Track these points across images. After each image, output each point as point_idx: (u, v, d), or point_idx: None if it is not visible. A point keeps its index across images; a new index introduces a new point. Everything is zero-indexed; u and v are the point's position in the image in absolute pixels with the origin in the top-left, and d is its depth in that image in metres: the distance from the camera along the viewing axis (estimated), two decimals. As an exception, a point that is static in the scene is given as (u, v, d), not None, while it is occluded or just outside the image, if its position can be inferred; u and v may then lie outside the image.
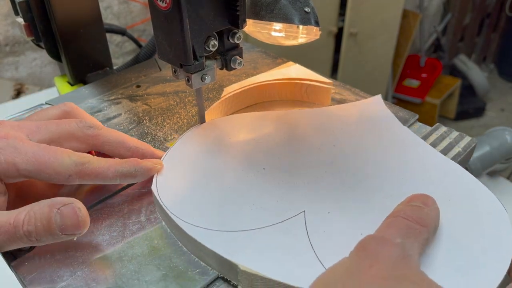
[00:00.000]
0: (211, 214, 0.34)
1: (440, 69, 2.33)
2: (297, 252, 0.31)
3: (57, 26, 0.55)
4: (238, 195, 0.36)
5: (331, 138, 0.43)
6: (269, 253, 0.31)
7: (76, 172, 0.33)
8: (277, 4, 0.42)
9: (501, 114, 2.50)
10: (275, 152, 0.41)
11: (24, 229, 0.30)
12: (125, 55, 1.55)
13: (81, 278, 0.31)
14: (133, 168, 0.36)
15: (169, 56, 0.38)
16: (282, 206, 0.35)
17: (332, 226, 0.33)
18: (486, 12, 2.63)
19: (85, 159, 0.34)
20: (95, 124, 0.37)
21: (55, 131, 0.35)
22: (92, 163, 0.34)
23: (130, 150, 0.38)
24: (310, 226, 0.33)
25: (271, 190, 0.37)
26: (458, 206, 0.34)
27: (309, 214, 0.34)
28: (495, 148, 0.85)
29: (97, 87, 0.54)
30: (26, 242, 0.30)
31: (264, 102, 0.51)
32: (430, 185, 0.37)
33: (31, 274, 0.32)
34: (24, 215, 0.30)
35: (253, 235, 0.33)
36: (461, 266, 0.29)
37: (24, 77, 1.37)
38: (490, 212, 0.33)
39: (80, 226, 0.31)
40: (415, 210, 0.30)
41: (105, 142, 0.37)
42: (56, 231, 0.30)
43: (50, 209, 0.30)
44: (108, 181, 0.35)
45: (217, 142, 0.42)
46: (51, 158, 0.32)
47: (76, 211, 0.30)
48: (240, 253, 0.31)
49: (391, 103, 0.50)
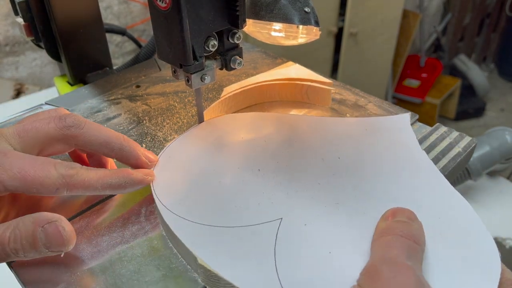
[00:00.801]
0: (192, 206, 0.35)
1: (440, 69, 2.33)
2: (257, 258, 0.31)
3: (57, 26, 0.55)
4: (225, 193, 0.36)
5: (339, 150, 0.41)
6: (230, 252, 0.31)
7: (63, 185, 0.32)
8: (277, 4, 0.42)
9: (501, 114, 2.50)
10: (275, 155, 0.40)
11: (11, 246, 0.29)
12: (125, 55, 1.55)
13: (80, 278, 0.31)
14: (123, 180, 0.35)
15: (168, 56, 0.38)
16: (262, 210, 0.34)
17: (303, 238, 0.32)
18: (486, 12, 2.63)
19: (73, 171, 0.32)
20: (76, 123, 0.35)
21: (36, 137, 0.34)
22: (80, 175, 0.33)
23: (113, 151, 0.36)
24: (281, 234, 0.32)
25: (258, 192, 0.36)
26: (452, 245, 0.32)
27: (286, 222, 0.33)
28: (495, 148, 0.85)
29: (97, 87, 0.54)
30: (15, 258, 0.30)
31: (264, 102, 0.51)
32: (430, 217, 0.33)
33: (31, 274, 0.32)
34: (9, 233, 0.30)
35: (222, 232, 0.33)
36: None
37: (24, 77, 1.37)
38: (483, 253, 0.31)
39: (64, 244, 0.30)
40: (406, 226, 0.29)
41: (87, 142, 0.35)
42: (42, 248, 0.30)
43: (34, 226, 0.30)
44: (97, 192, 0.34)
45: (215, 142, 0.42)
46: (37, 171, 0.31)
47: (60, 230, 0.30)
48: (203, 247, 0.31)
49: (391, 103, 0.50)
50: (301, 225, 0.33)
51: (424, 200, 0.35)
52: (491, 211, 0.85)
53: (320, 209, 0.35)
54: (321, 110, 0.49)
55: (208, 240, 0.32)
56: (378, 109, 0.49)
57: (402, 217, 0.30)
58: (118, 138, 0.36)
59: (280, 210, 0.34)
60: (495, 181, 0.91)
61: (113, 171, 0.35)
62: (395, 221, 0.30)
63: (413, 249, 0.28)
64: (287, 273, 0.29)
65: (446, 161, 0.42)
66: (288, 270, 0.29)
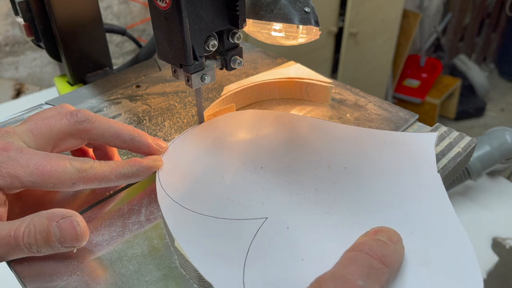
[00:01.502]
0: (188, 194, 0.36)
1: (440, 69, 2.33)
2: (230, 252, 0.31)
3: (57, 26, 0.55)
4: (222, 186, 0.37)
5: (348, 160, 0.39)
6: (207, 242, 0.32)
7: (80, 179, 0.33)
8: (277, 4, 0.42)
9: (501, 114, 2.51)
10: (281, 155, 0.40)
11: (25, 241, 0.30)
12: (125, 55, 1.55)
13: (80, 278, 0.31)
14: (135, 168, 0.36)
15: (168, 56, 0.38)
16: (252, 206, 0.35)
17: (281, 241, 0.32)
18: (486, 12, 2.63)
19: (87, 165, 0.34)
20: (87, 117, 0.36)
21: (49, 133, 0.35)
22: (95, 168, 0.34)
23: (125, 142, 0.38)
24: (261, 233, 0.32)
25: (253, 189, 0.36)
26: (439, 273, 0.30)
27: (269, 222, 0.33)
28: (495, 148, 0.85)
29: (97, 87, 0.54)
30: (27, 253, 0.31)
31: (264, 100, 0.51)
32: (420, 243, 0.32)
33: (31, 274, 0.32)
34: (24, 227, 0.30)
35: (205, 221, 0.33)
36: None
37: (24, 77, 1.37)
38: None
39: (78, 239, 0.31)
40: (381, 245, 0.28)
41: (99, 135, 0.37)
42: (55, 243, 0.30)
43: (49, 222, 0.30)
44: (112, 183, 0.35)
45: (218, 139, 0.42)
46: (53, 167, 0.32)
47: (75, 225, 0.31)
48: (184, 231, 0.32)
49: (391, 103, 0.50)
50: (284, 227, 0.33)
51: (418, 227, 0.33)
52: (491, 211, 0.85)
53: (308, 215, 0.34)
54: (321, 108, 0.49)
55: (191, 226, 0.33)
56: (378, 109, 0.49)
57: (383, 237, 0.29)
58: (128, 129, 0.38)
59: (269, 209, 0.35)
60: (495, 181, 0.91)
61: (124, 161, 0.36)
62: (373, 239, 0.29)
63: (376, 269, 0.26)
64: (254, 272, 0.29)
65: (446, 161, 0.42)
66: (255, 269, 0.30)
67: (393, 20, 1.80)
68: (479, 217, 0.83)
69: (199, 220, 0.34)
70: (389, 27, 1.79)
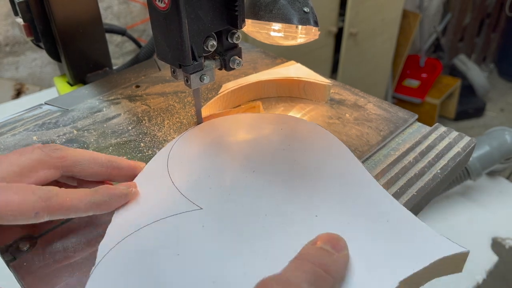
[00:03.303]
0: (184, 179, 0.37)
1: (440, 69, 2.33)
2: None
3: (57, 26, 0.55)
4: (212, 177, 0.38)
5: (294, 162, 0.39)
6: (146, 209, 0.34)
7: (44, 208, 0.29)
8: (276, 4, 0.42)
9: (501, 114, 2.51)
10: (271, 159, 0.39)
11: None
12: (125, 55, 1.55)
13: (80, 278, 0.31)
14: (107, 196, 0.33)
15: (167, 56, 0.38)
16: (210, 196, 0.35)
17: (213, 237, 0.32)
18: (486, 12, 2.63)
19: (52, 192, 0.30)
20: (60, 147, 0.34)
21: (18, 162, 0.32)
22: (60, 196, 0.30)
23: (104, 166, 0.35)
24: (195, 223, 0.33)
25: (240, 186, 0.36)
26: None
27: (202, 213, 0.34)
28: (495, 148, 0.85)
29: (96, 87, 0.54)
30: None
31: (262, 98, 0.51)
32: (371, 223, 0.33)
33: (30, 275, 0.32)
34: None
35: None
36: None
37: (24, 77, 1.38)
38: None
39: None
40: (323, 255, 0.28)
41: (76, 161, 0.34)
42: None
43: None
44: (81, 213, 0.32)
45: (214, 143, 0.42)
46: (13, 196, 0.29)
47: None
48: None
49: (391, 103, 0.50)
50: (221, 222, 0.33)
51: (354, 214, 0.34)
52: (491, 211, 0.85)
53: (256, 218, 0.33)
54: (321, 108, 0.49)
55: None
56: (377, 109, 0.49)
57: (327, 246, 0.29)
58: (102, 154, 0.36)
59: (214, 201, 0.35)
60: (495, 181, 0.91)
61: (94, 188, 0.33)
62: (317, 248, 0.29)
63: (320, 278, 0.26)
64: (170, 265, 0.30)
65: (445, 161, 0.42)
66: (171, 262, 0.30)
67: (393, 20, 1.80)
68: (478, 217, 0.84)
69: (171, 191, 0.36)
70: (389, 27, 1.79)
